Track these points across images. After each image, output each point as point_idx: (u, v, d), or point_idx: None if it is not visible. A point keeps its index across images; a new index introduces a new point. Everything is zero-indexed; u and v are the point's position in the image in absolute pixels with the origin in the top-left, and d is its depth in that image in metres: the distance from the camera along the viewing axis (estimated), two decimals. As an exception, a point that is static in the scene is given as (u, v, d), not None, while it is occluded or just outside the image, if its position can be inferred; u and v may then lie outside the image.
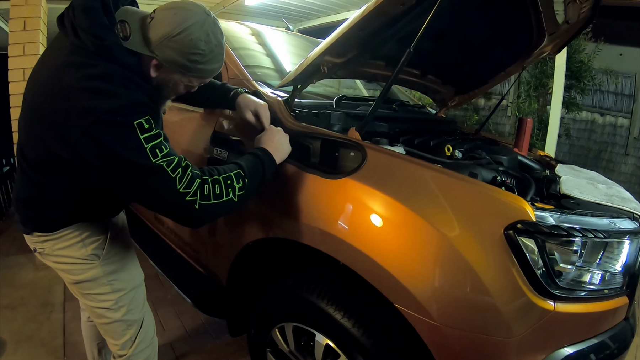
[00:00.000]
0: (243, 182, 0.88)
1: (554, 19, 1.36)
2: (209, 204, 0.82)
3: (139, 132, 0.76)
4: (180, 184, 0.79)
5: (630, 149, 4.94)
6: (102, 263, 1.01)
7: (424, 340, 0.86)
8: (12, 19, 2.30)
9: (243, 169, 0.90)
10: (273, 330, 1.19)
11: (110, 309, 1.05)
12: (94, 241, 1.00)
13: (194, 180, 0.81)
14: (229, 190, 0.85)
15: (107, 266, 1.02)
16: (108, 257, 1.02)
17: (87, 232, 0.98)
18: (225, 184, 0.85)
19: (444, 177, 0.89)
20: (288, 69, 1.63)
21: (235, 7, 4.53)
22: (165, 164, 0.78)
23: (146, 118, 0.77)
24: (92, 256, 0.99)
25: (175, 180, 0.78)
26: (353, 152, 1.00)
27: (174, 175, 0.78)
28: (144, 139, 0.76)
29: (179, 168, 0.79)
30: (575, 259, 0.82)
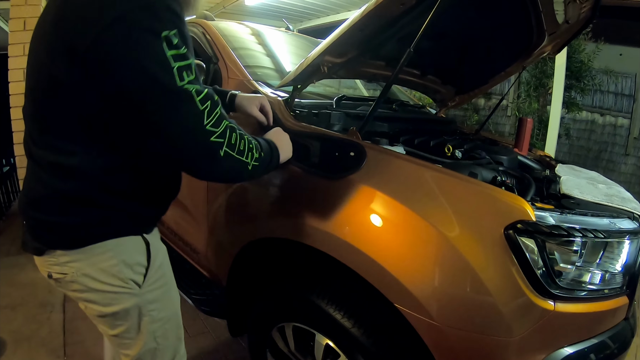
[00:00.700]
0: (259, 154, 0.80)
1: (554, 19, 1.36)
2: (232, 155, 0.71)
3: (165, 45, 0.60)
4: (208, 120, 0.65)
5: (630, 149, 4.94)
6: (143, 291, 0.80)
7: (424, 340, 0.86)
8: (12, 19, 2.30)
9: (261, 145, 0.83)
10: (273, 331, 1.19)
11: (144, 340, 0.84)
12: (133, 264, 0.78)
13: (221, 121, 0.68)
14: (249, 154, 0.75)
15: (149, 294, 0.81)
16: (149, 283, 0.81)
17: (125, 254, 0.77)
18: (249, 145, 0.76)
19: (444, 177, 0.89)
20: (288, 69, 1.63)
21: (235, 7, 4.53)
22: (194, 90, 0.63)
23: (175, 31, 0.61)
24: (131, 282, 0.78)
25: (203, 113, 0.65)
26: (353, 152, 1.00)
27: (202, 107, 0.65)
28: (171, 57, 0.61)
29: (209, 100, 0.66)
30: (575, 258, 0.82)
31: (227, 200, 1.32)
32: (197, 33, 1.68)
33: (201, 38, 1.64)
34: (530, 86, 3.99)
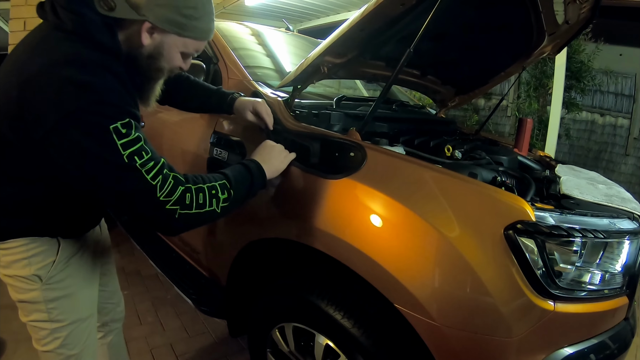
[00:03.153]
0: (228, 193, 0.84)
1: (554, 19, 1.36)
2: (189, 213, 0.77)
3: (115, 137, 0.68)
4: (161, 192, 0.73)
5: (630, 149, 4.94)
6: (43, 287, 0.89)
7: (424, 340, 0.86)
8: (12, 19, 2.31)
9: (229, 180, 0.86)
10: (273, 331, 1.19)
11: (45, 338, 0.93)
12: (39, 261, 0.87)
13: (176, 189, 0.75)
14: (213, 200, 0.81)
15: (48, 292, 0.90)
16: (51, 282, 0.90)
17: (35, 250, 0.87)
18: (210, 193, 0.81)
19: (444, 178, 0.89)
20: (288, 70, 1.63)
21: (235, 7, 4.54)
22: (144, 170, 0.71)
23: (125, 121, 0.70)
24: (34, 277, 0.88)
25: (155, 188, 0.72)
26: (353, 152, 1.00)
27: (155, 182, 0.72)
28: (121, 145, 0.69)
29: (160, 175, 0.73)
30: (575, 259, 0.82)
31: (227, 200, 1.32)
32: (197, 33, 1.68)
33: (201, 38, 1.64)
34: (530, 86, 3.98)
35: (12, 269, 0.87)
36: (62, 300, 0.93)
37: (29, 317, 0.93)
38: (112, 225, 2.76)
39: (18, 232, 0.85)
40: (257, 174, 0.93)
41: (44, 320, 0.92)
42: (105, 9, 0.72)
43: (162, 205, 0.74)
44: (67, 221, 0.92)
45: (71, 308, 0.95)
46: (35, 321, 0.92)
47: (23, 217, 0.85)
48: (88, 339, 1.01)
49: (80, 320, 0.97)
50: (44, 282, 0.89)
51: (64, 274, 0.92)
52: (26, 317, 0.94)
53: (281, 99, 1.24)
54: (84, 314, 0.98)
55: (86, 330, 1.00)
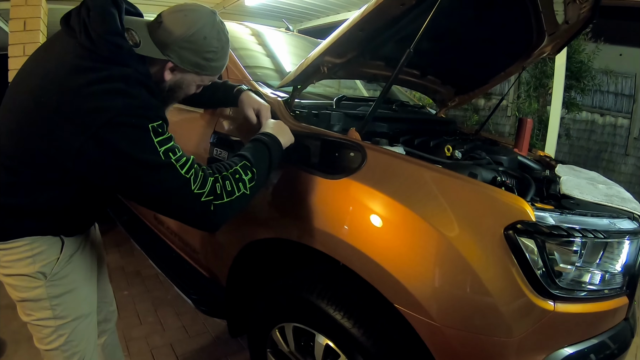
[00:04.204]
0: (252, 172, 0.87)
1: (554, 19, 1.36)
2: (223, 202, 0.81)
3: (153, 135, 0.74)
4: (195, 185, 0.77)
5: (630, 149, 4.94)
6: (47, 284, 0.91)
7: (424, 340, 0.86)
8: (12, 20, 2.31)
9: (249, 160, 0.88)
10: (273, 331, 1.19)
11: (49, 336, 0.95)
12: (44, 259, 0.89)
13: (207, 180, 0.79)
14: (239, 184, 0.84)
15: (53, 288, 0.92)
16: (55, 278, 0.92)
17: (40, 249, 0.88)
18: (234, 178, 0.84)
19: (444, 178, 0.89)
20: (288, 70, 1.63)
21: (235, 7, 4.54)
22: (179, 165, 0.76)
23: (159, 123, 0.76)
24: (39, 274, 0.89)
25: (189, 181, 0.77)
26: (353, 152, 1.00)
27: (188, 176, 0.77)
28: (158, 143, 0.75)
29: (192, 169, 0.78)
30: (575, 259, 0.82)
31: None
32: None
33: (201, 38, 1.64)
34: (530, 86, 3.98)
35: (14, 268, 0.88)
36: (66, 296, 0.94)
37: (32, 315, 0.93)
38: (112, 225, 2.77)
39: (22, 232, 0.86)
40: (273, 145, 0.95)
41: (49, 318, 0.93)
42: (131, 44, 0.79)
43: (197, 197, 0.77)
44: (73, 220, 0.94)
45: (74, 304, 0.97)
46: (39, 319, 0.93)
47: (29, 219, 0.86)
48: (90, 336, 1.03)
49: (83, 316, 0.99)
50: (48, 279, 0.90)
51: (67, 270, 0.94)
52: (29, 316, 0.94)
53: (281, 99, 1.24)
54: (86, 310, 1.00)
55: (89, 327, 1.02)
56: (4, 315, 1.90)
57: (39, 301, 0.91)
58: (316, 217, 1.00)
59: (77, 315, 0.97)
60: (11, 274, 0.89)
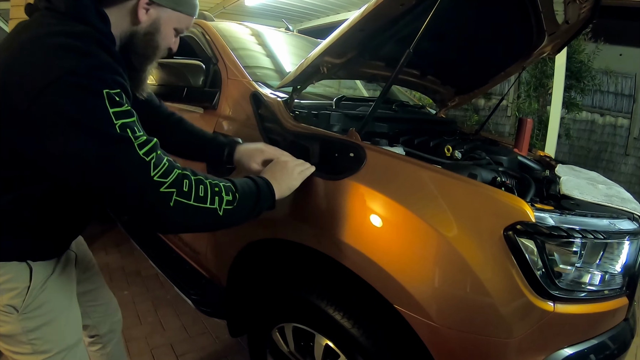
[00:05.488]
0: (233, 196, 0.75)
1: (554, 19, 1.36)
2: (187, 203, 0.68)
3: (107, 103, 0.61)
4: (155, 171, 0.64)
5: (630, 149, 4.94)
6: (21, 317, 0.78)
7: (423, 341, 0.86)
8: (12, 19, 2.31)
9: (235, 185, 0.78)
10: (273, 331, 1.19)
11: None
12: (11, 289, 0.76)
13: (172, 171, 0.67)
14: (215, 198, 0.72)
15: (27, 321, 0.79)
16: (29, 310, 0.79)
17: (5, 277, 0.75)
18: (212, 190, 0.72)
19: (444, 178, 0.89)
20: (288, 70, 1.63)
21: (235, 7, 4.54)
22: (137, 144, 0.63)
23: (117, 91, 0.63)
24: (9, 307, 0.76)
25: (149, 165, 0.64)
26: (352, 153, 1.00)
27: (148, 159, 0.64)
28: (113, 114, 0.62)
29: (154, 153, 0.65)
30: (574, 259, 0.82)
31: (226, 200, 1.32)
32: (197, 33, 1.68)
33: (201, 38, 1.64)
34: (530, 86, 3.99)
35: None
36: (44, 328, 0.82)
37: (8, 349, 0.81)
38: (112, 225, 2.76)
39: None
40: (265, 190, 0.84)
41: (28, 354, 0.81)
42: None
43: (156, 186, 0.64)
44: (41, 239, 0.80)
45: (56, 336, 0.85)
46: (19, 354, 0.81)
47: None
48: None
49: (68, 347, 0.86)
50: (20, 312, 0.78)
51: (41, 299, 0.81)
52: (5, 351, 0.82)
53: (281, 100, 1.24)
54: (70, 340, 0.88)
55: (77, 355, 0.89)
56: (3, 315, 1.90)
57: (14, 336, 0.79)
58: (315, 218, 1.00)
59: (62, 347, 0.85)
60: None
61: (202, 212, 0.71)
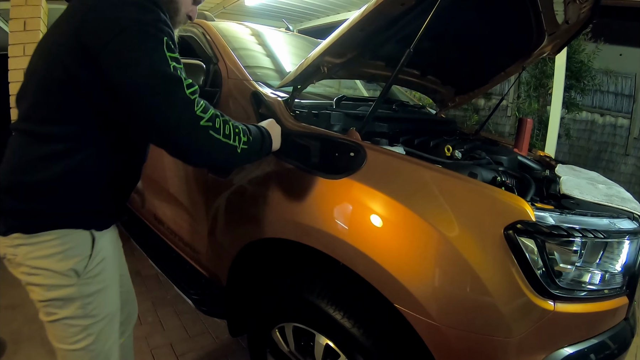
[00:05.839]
0: (248, 139, 0.88)
1: (554, 19, 1.36)
2: (218, 138, 0.80)
3: (165, 48, 0.75)
4: (198, 107, 0.76)
5: (630, 149, 4.94)
6: (80, 282, 0.87)
7: (424, 340, 0.86)
8: (12, 20, 2.30)
9: (249, 130, 0.91)
10: (273, 331, 1.19)
11: (76, 335, 0.90)
12: (76, 255, 0.86)
13: (208, 108, 0.79)
14: (236, 138, 0.84)
15: (85, 286, 0.88)
16: (88, 276, 0.88)
17: (71, 243, 0.85)
18: (234, 130, 0.84)
19: (444, 178, 0.89)
20: (288, 70, 1.63)
21: (235, 7, 4.54)
22: (186, 84, 0.76)
23: (171, 40, 0.77)
24: (71, 272, 0.85)
25: (193, 102, 0.76)
26: (353, 152, 1.00)
27: (193, 97, 0.76)
28: (170, 57, 0.75)
29: (196, 94, 0.78)
30: (575, 259, 0.82)
31: (227, 200, 1.32)
32: (197, 33, 1.68)
33: (201, 38, 1.64)
34: (530, 86, 3.99)
35: (44, 264, 0.83)
36: (97, 295, 0.91)
37: (57, 314, 0.87)
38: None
39: (53, 223, 0.82)
40: (268, 139, 0.99)
41: (79, 317, 0.89)
42: None
43: (198, 119, 0.76)
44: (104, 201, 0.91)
45: (104, 303, 0.94)
46: (67, 318, 0.88)
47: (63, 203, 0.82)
48: (115, 335, 1.00)
49: (111, 314, 0.96)
50: (80, 277, 0.87)
51: (99, 268, 0.91)
52: (53, 315, 0.87)
53: (281, 99, 1.24)
54: (113, 308, 0.98)
55: (114, 326, 0.99)
56: (4, 315, 1.90)
57: (70, 299, 0.87)
58: (316, 217, 1.00)
59: (107, 313, 0.94)
60: (38, 273, 0.84)
61: (226, 147, 0.82)
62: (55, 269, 0.84)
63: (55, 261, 0.83)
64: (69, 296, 0.86)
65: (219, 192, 1.35)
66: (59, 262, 0.84)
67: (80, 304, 0.88)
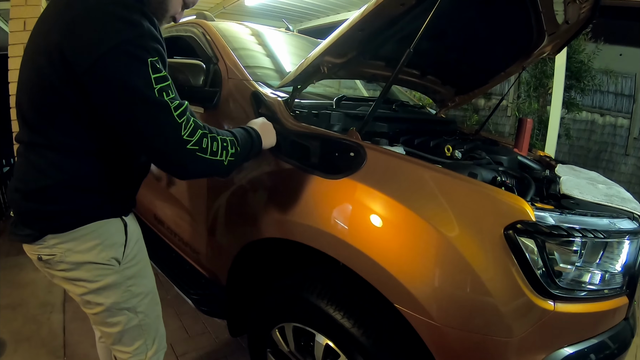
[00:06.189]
0: (235, 149, 0.90)
1: (554, 19, 1.36)
2: (204, 157, 0.81)
3: (150, 70, 0.73)
4: (185, 131, 0.77)
5: (630, 149, 4.94)
6: (122, 267, 0.93)
7: (424, 340, 0.86)
8: (12, 20, 2.30)
9: (237, 139, 0.92)
10: (273, 331, 1.19)
11: (126, 316, 0.96)
12: (114, 243, 0.91)
13: (196, 131, 0.80)
14: (223, 152, 0.86)
15: (127, 270, 0.94)
16: (127, 260, 0.94)
17: (107, 233, 0.90)
18: (222, 145, 0.86)
19: (444, 177, 0.89)
20: (288, 70, 1.63)
21: (235, 7, 4.54)
22: (173, 107, 0.76)
23: (156, 59, 0.75)
24: (113, 260, 0.90)
25: (180, 125, 0.76)
26: (353, 152, 1.00)
27: (180, 120, 0.76)
28: (154, 79, 0.74)
29: (185, 115, 0.78)
30: (575, 259, 0.82)
31: (227, 200, 1.32)
32: (197, 33, 1.68)
33: (201, 38, 1.64)
34: (530, 86, 3.99)
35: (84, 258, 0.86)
36: (138, 275, 0.98)
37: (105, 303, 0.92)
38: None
39: (86, 216, 0.86)
40: (257, 141, 1.01)
41: (127, 299, 0.95)
42: None
43: (184, 143, 0.77)
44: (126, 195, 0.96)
45: (146, 280, 1.01)
46: (116, 303, 0.93)
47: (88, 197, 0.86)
48: (158, 307, 1.08)
49: (152, 289, 1.04)
50: (122, 264, 0.92)
51: (134, 251, 0.97)
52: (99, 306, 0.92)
53: (281, 99, 1.24)
54: (152, 282, 1.05)
55: (157, 298, 1.06)
56: (4, 315, 1.90)
57: (116, 285, 0.92)
58: (316, 217, 1.00)
59: (149, 289, 1.02)
60: (80, 268, 0.87)
61: (213, 164, 0.85)
62: (97, 261, 0.88)
63: (97, 253, 0.87)
64: (114, 283, 0.91)
65: (219, 192, 1.35)
66: (101, 253, 0.88)
67: (125, 287, 0.94)
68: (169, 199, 1.73)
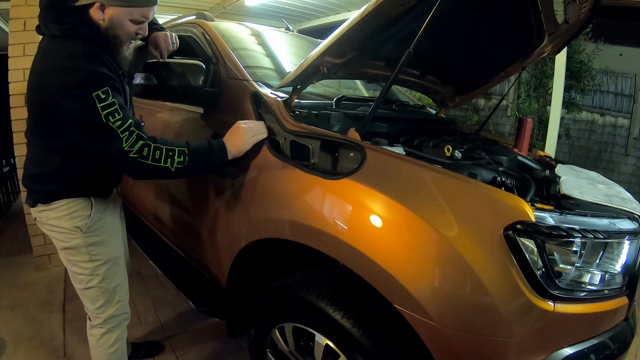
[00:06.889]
0: (184, 157, 1.07)
1: (554, 19, 1.36)
2: (146, 163, 1.02)
3: (97, 102, 0.95)
4: (126, 143, 0.99)
5: (630, 149, 4.94)
6: (84, 235, 1.18)
7: (424, 340, 0.86)
8: (12, 20, 2.30)
9: (188, 149, 1.08)
10: (273, 331, 1.19)
11: (88, 276, 1.21)
12: (79, 216, 1.17)
13: (137, 142, 1.00)
14: (168, 159, 1.04)
15: (88, 238, 1.19)
16: (89, 231, 1.19)
17: (75, 208, 1.16)
18: (167, 154, 1.04)
19: (444, 178, 0.89)
20: (288, 70, 1.63)
21: (235, 7, 4.54)
22: (115, 126, 0.98)
23: (104, 89, 0.96)
24: (76, 228, 1.17)
25: (122, 139, 0.99)
26: (352, 152, 1.00)
27: (122, 135, 0.99)
28: (101, 108, 0.96)
29: (127, 131, 0.99)
30: (575, 259, 0.82)
31: (226, 201, 1.32)
32: (197, 33, 1.68)
33: (201, 38, 1.64)
34: (530, 86, 3.98)
35: (57, 224, 1.16)
36: (99, 244, 1.22)
37: (72, 259, 1.20)
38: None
39: (60, 195, 1.14)
40: (217, 150, 1.13)
41: (87, 261, 1.20)
42: (71, 1, 0.98)
43: (127, 153, 1.00)
44: (95, 183, 1.21)
45: (106, 249, 1.24)
46: (79, 262, 1.20)
47: (63, 182, 1.14)
48: (121, 274, 1.31)
49: (113, 259, 1.26)
50: (84, 232, 1.18)
51: (98, 225, 1.21)
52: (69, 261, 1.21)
53: (281, 99, 1.24)
54: (115, 254, 1.27)
55: (119, 268, 1.29)
56: (4, 315, 1.90)
57: (77, 248, 1.19)
58: (316, 218, 1.00)
59: (109, 258, 1.24)
60: (55, 230, 1.17)
61: (157, 169, 1.04)
62: (65, 226, 1.17)
63: (65, 221, 1.16)
64: (77, 245, 1.19)
65: (218, 193, 1.35)
66: (67, 222, 1.16)
67: (85, 251, 1.20)
68: (169, 200, 1.73)
